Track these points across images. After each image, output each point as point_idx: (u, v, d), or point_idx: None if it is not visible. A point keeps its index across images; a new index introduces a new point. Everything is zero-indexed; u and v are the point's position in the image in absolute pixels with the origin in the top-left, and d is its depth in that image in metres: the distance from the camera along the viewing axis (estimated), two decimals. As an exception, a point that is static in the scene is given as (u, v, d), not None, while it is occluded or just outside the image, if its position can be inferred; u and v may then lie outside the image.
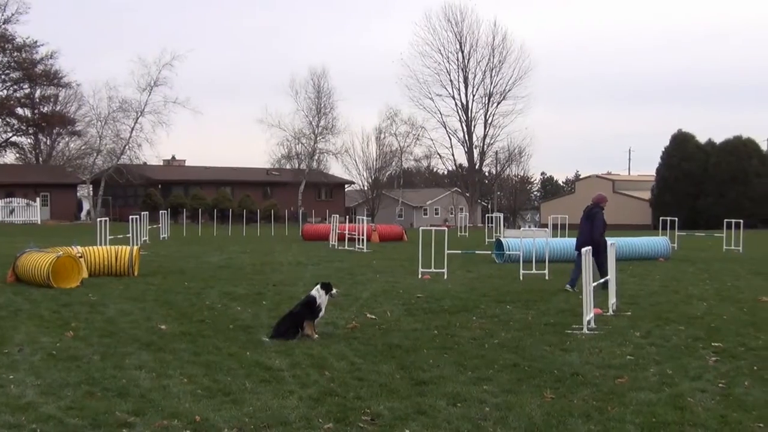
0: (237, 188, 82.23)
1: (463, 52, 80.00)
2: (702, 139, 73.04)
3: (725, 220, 35.63)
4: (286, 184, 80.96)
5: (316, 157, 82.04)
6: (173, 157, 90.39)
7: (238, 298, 15.15)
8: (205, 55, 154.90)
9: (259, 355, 9.76)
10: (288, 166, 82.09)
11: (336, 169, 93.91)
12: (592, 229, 17.06)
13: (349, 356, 9.74)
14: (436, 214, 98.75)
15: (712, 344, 10.65)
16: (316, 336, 10.88)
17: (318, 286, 11.33)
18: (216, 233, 47.48)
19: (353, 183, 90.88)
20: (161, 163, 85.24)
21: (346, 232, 33.45)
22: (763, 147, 76.48)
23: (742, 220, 34.87)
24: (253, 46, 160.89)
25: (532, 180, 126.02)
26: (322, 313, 11.21)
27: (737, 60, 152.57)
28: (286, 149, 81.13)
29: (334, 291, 11.53)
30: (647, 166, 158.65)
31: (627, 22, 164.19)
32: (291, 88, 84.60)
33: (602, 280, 14.58)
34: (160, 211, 43.56)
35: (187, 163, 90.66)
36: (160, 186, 77.67)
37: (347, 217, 46.12)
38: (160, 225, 40.42)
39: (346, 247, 31.71)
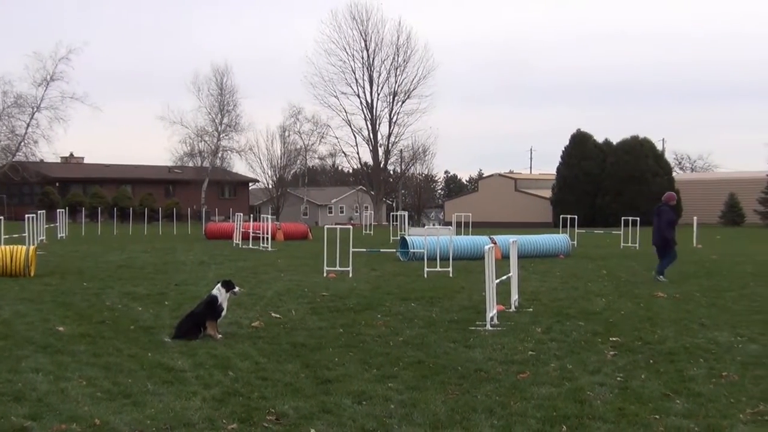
0: (138, 186, 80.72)
1: (368, 50, 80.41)
2: (600, 138, 74.86)
3: (623, 217, 36.67)
4: (189, 182, 79.77)
5: (220, 155, 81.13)
6: (71, 155, 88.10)
7: (139, 299, 14.86)
8: (103, 51, 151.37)
9: (161, 356, 9.59)
10: (191, 164, 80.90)
11: (240, 167, 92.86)
12: (660, 224, 18.91)
13: (253, 356, 9.65)
14: (341, 212, 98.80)
15: (611, 339, 10.91)
16: (219, 336, 10.74)
17: (219, 285, 11.18)
18: (116, 232, 46.47)
19: (257, 181, 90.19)
20: (59, 161, 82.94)
21: (251, 230, 33.17)
22: (659, 147, 78.90)
23: (638, 218, 35.89)
24: (154, 41, 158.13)
25: (436, 178, 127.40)
26: (224, 312, 11.07)
27: (634, 60, 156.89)
28: (189, 147, 79.96)
29: (236, 289, 11.39)
30: (548, 165, 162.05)
31: (528, 23, 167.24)
32: (193, 84, 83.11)
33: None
34: (58, 210, 42.45)
35: (86, 161, 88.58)
36: (57, 184, 75.62)
37: (251, 215, 45.77)
38: (58, 224, 39.38)
39: (250, 246, 31.43)
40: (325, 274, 19.52)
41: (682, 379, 8.59)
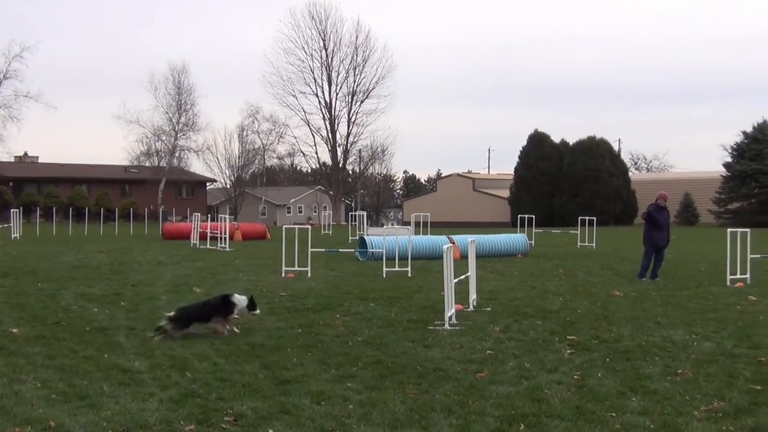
0: (94, 186, 79.87)
1: (326, 50, 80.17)
2: (557, 139, 75.48)
3: (579, 217, 36.98)
4: (146, 181, 79.07)
5: (177, 155, 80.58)
6: (25, 154, 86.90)
7: (94, 299, 14.68)
8: (58, 49, 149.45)
9: (117, 357, 9.49)
10: (147, 164, 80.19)
11: (197, 166, 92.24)
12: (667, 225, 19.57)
13: (211, 356, 9.59)
14: (300, 212, 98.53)
15: (568, 337, 11.00)
16: (227, 331, 10.97)
17: (247, 297, 11.44)
18: (71, 232, 45.87)
19: (215, 181, 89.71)
20: (12, 160, 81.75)
21: (208, 230, 32.95)
22: (615, 147, 79.74)
23: (595, 218, 36.24)
24: (110, 39, 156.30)
25: (395, 178, 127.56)
26: (233, 316, 11.18)
27: (590, 62, 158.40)
28: (146, 146, 79.33)
29: (257, 311, 11.55)
30: (506, 166, 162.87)
31: (486, 23, 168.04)
32: (150, 83, 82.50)
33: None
34: (12, 210, 41.83)
35: (40, 160, 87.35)
36: (11, 183, 74.54)
37: (209, 215, 45.46)
38: (12, 224, 38.81)
39: (208, 246, 31.22)
40: (283, 274, 19.44)
41: (638, 377, 8.68)
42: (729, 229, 19.76)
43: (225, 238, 31.09)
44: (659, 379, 8.61)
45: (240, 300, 11.27)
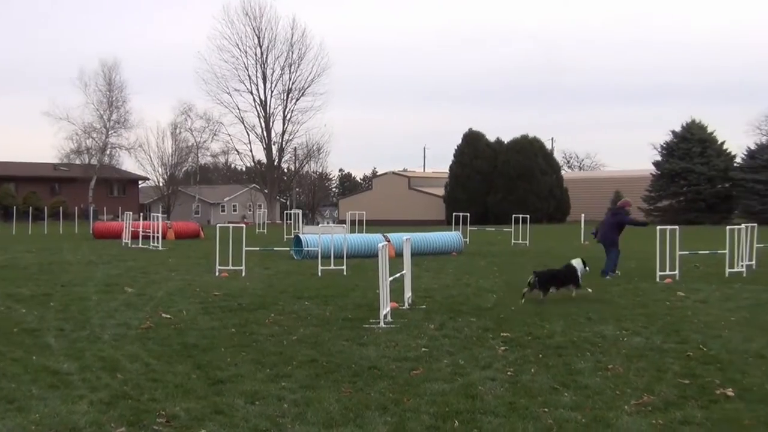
0: (22, 184, 78.12)
1: (261, 47, 79.64)
2: (491, 137, 76.04)
3: (513, 215, 37.35)
4: (76, 180, 77.51)
5: (108, 152, 79.16)
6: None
7: (22, 300, 14.37)
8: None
9: (46, 359, 9.29)
10: (78, 162, 78.63)
11: (129, 164, 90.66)
12: (611, 224, 20.44)
13: (143, 357, 9.45)
14: (234, 210, 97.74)
15: (501, 334, 11.09)
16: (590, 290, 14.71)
17: (579, 260, 15.22)
18: (-1, 232, 44.89)
19: (148, 179, 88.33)
20: (-65, 158, 79.59)
21: (140, 229, 32.51)
22: (548, 146, 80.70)
23: (528, 216, 36.63)
24: (38, 34, 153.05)
25: (330, 177, 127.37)
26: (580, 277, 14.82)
27: (525, 61, 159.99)
28: (76, 144, 77.69)
29: (587, 268, 15.28)
30: (441, 164, 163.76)
31: (422, 22, 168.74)
32: (80, 80, 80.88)
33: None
34: (-64, 209, 40.75)
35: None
36: (-65, 182, 72.56)
37: (141, 214, 44.83)
38: (-64, 223, 37.81)
39: (140, 245, 30.81)
40: (217, 274, 19.28)
41: (570, 372, 8.80)
42: (658, 227, 20.15)
43: (158, 237, 30.71)
44: (590, 374, 8.74)
45: (578, 264, 15.00)
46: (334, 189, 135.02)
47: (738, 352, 9.88)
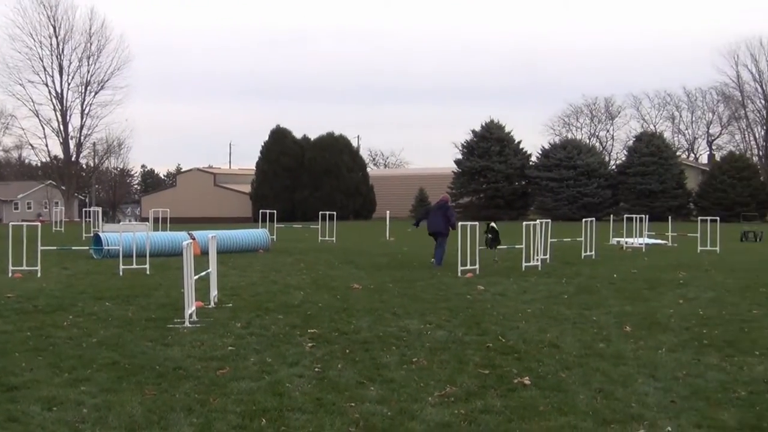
0: None
1: (57, 37, 76.32)
2: (298, 134, 76.20)
3: (320, 212, 37.59)
4: None
5: None
6: None
7: None
8: None
9: None
10: None
11: None
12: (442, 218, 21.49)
13: (-74, 365, 8.82)
14: (29, 208, 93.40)
15: (309, 331, 11.12)
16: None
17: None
18: None
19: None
20: None
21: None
22: (354, 143, 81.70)
23: (335, 213, 36.97)
24: None
25: (132, 173, 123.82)
26: None
27: (331, 60, 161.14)
28: None
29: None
30: (248, 161, 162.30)
31: (225, 19, 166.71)
32: None
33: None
34: None
35: None
36: None
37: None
38: None
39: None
40: (10, 275, 18.30)
41: (376, 367, 8.93)
42: (459, 223, 20.83)
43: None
44: (396, 367, 8.91)
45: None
46: (136, 186, 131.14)
47: (534, 343, 10.35)
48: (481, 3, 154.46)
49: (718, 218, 30.16)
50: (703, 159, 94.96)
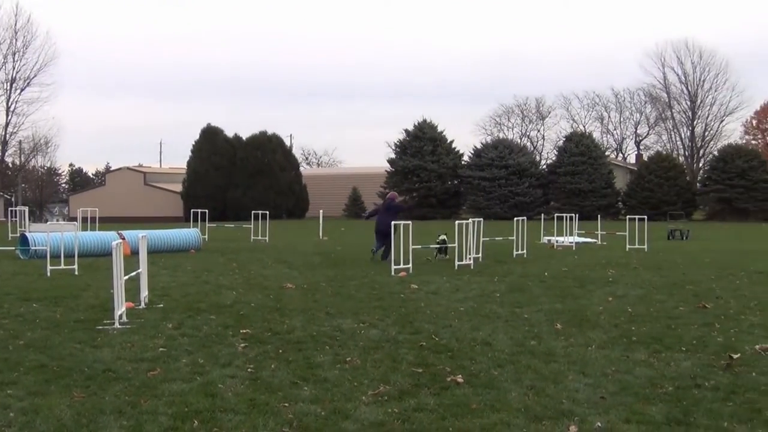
0: None
1: (-20, 34, 74.51)
2: (230, 133, 75.57)
3: (253, 211, 37.34)
4: None
5: None
6: None
7: None
8: None
9: None
10: None
11: None
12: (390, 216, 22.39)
13: None
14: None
15: (242, 331, 11.04)
16: None
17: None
18: None
19: None
20: None
21: None
22: (287, 142, 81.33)
23: (268, 212, 36.76)
24: None
25: (60, 172, 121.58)
26: None
27: (259, 58, 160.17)
28: None
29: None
30: (179, 159, 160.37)
31: (157, 13, 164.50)
32: None
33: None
34: None
35: None
36: None
37: None
38: None
39: None
40: (-68, 276, 17.82)
41: (310, 366, 8.91)
42: (393, 222, 20.90)
43: None
44: (330, 367, 8.90)
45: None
46: (64, 185, 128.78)
47: (466, 340, 10.44)
48: (413, 3, 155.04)
49: (645, 217, 30.71)
50: (631, 159, 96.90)
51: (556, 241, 30.43)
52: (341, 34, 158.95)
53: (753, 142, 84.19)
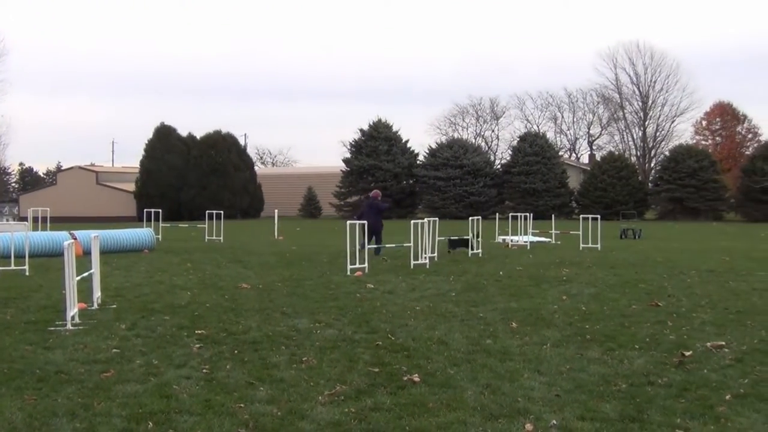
0: None
1: (-72, 29, 73.10)
2: (184, 132, 74.96)
3: (207, 211, 37.09)
4: None
5: None
6: None
7: None
8: None
9: None
10: None
11: None
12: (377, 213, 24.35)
13: None
14: None
15: (196, 332, 10.96)
16: None
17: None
18: None
19: None
20: None
21: None
22: (242, 141, 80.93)
23: (222, 211, 36.55)
24: None
25: (9, 171, 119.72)
26: None
27: (212, 55, 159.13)
28: None
29: None
30: (132, 158, 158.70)
31: (111, 8, 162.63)
32: None
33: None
34: None
35: None
36: None
37: None
38: None
39: None
40: None
41: (266, 367, 8.87)
42: (348, 221, 20.89)
43: None
44: (286, 367, 8.87)
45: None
46: (13, 184, 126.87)
47: (423, 340, 10.46)
48: (366, 4, 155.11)
49: (598, 216, 31.05)
50: (584, 159, 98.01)
51: (511, 241, 30.62)
52: (298, 33, 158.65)
53: (703, 142, 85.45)
